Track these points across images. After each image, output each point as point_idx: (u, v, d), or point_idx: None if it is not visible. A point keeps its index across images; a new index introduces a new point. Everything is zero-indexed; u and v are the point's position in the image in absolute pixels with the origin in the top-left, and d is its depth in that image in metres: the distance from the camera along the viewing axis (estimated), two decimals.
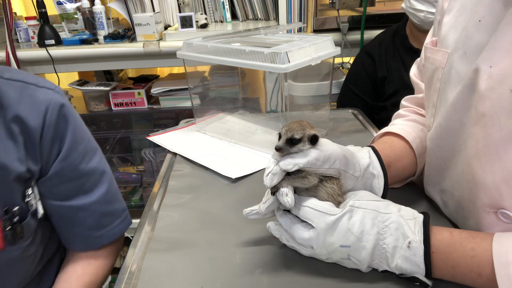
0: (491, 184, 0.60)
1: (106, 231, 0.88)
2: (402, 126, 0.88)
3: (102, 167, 0.88)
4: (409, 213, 0.63)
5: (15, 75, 0.80)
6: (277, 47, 0.97)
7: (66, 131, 0.81)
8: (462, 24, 0.66)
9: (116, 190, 0.92)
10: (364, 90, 1.62)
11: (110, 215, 0.89)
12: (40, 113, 0.77)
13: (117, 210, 0.91)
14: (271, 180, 0.61)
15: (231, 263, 0.68)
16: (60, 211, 0.84)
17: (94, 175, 0.86)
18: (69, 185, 0.83)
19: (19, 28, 1.98)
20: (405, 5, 1.43)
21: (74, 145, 0.82)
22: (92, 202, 0.85)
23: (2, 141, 0.74)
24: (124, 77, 2.38)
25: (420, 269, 0.58)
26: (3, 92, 0.75)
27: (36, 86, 0.80)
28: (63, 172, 0.81)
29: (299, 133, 0.61)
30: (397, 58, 1.54)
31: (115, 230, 0.90)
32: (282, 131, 0.62)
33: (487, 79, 0.58)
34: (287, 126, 0.62)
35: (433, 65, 0.72)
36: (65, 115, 0.81)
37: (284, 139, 0.61)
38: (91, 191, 0.85)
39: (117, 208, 0.91)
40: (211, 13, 2.08)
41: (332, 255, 0.62)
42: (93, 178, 0.86)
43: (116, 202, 0.91)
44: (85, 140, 0.86)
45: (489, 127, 0.58)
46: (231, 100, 1.50)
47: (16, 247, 0.77)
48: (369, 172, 0.72)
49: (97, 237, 0.88)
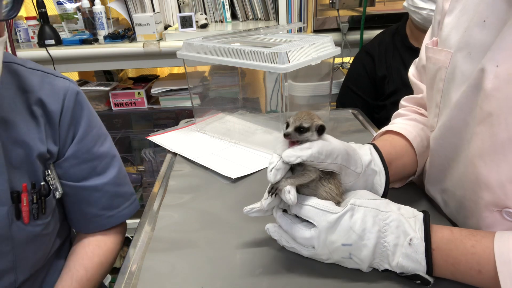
0: (496, 183, 0.60)
1: (117, 211, 0.95)
2: (403, 125, 0.88)
3: (113, 151, 0.96)
4: (408, 212, 0.63)
5: (36, 66, 0.88)
6: (277, 47, 0.97)
7: (82, 116, 0.89)
8: (464, 24, 0.66)
9: (125, 174, 0.99)
10: (364, 89, 1.62)
11: (120, 196, 0.95)
12: (59, 98, 0.86)
13: (127, 193, 0.97)
14: (275, 175, 0.61)
15: (231, 263, 0.68)
16: (76, 192, 0.90)
17: (106, 158, 0.93)
18: (84, 167, 0.89)
19: (19, 28, 1.98)
20: (407, 4, 1.43)
21: (88, 129, 0.90)
22: (105, 183, 0.92)
23: (26, 122, 0.81)
24: (124, 77, 2.38)
25: (421, 266, 0.59)
26: (27, 79, 0.83)
27: (55, 76, 0.89)
28: (78, 154, 0.88)
29: (307, 122, 0.61)
30: (397, 57, 1.54)
31: (125, 212, 0.96)
32: (290, 120, 0.62)
33: (493, 78, 0.58)
34: (296, 115, 0.62)
35: (436, 65, 0.72)
36: (81, 102, 0.90)
37: (293, 127, 0.61)
38: (104, 173, 0.92)
39: (126, 191, 0.97)
40: (211, 13, 2.08)
41: (333, 254, 0.62)
42: (105, 161, 0.93)
43: (126, 185, 0.98)
44: (97, 125, 0.94)
45: (496, 127, 0.58)
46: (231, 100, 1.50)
47: (39, 223, 0.83)
48: (370, 169, 0.72)
49: (109, 217, 0.94)
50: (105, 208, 0.93)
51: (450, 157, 0.71)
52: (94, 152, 0.91)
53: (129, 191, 0.98)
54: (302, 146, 0.61)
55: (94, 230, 0.95)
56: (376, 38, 1.65)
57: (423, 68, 0.89)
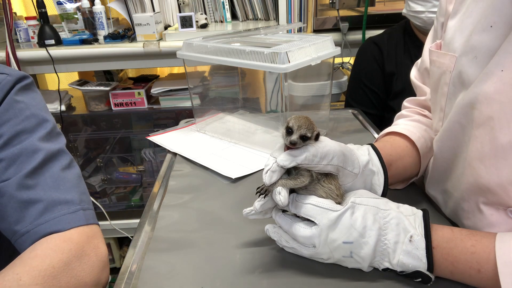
0: (496, 186, 0.60)
1: (34, 225, 0.69)
2: (406, 126, 0.87)
3: (34, 147, 0.74)
4: (408, 210, 0.64)
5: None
6: (277, 47, 0.97)
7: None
8: (469, 27, 0.66)
9: (56, 175, 0.74)
10: (377, 82, 1.55)
11: (34, 203, 0.70)
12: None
13: (48, 200, 0.71)
14: (270, 178, 0.61)
15: (231, 263, 0.68)
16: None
17: (21, 156, 0.73)
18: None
19: (19, 28, 1.98)
20: (406, 10, 1.43)
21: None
22: (7, 185, 0.70)
23: None
24: (124, 77, 2.38)
25: (422, 263, 0.59)
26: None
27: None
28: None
29: (310, 131, 0.62)
30: (408, 54, 1.49)
31: (45, 226, 0.69)
32: (293, 126, 0.62)
33: (497, 82, 0.58)
34: (297, 121, 0.62)
35: (440, 69, 0.72)
36: (15, 95, 0.77)
37: (298, 134, 0.61)
38: (6, 173, 0.72)
39: (47, 197, 0.71)
40: (211, 13, 2.08)
41: (334, 253, 0.62)
42: (20, 159, 0.72)
43: (48, 190, 0.72)
44: (18, 120, 0.76)
45: (497, 131, 0.59)
46: (231, 100, 1.50)
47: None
48: (368, 169, 0.73)
49: (24, 234, 0.69)
50: (15, 222, 0.69)
51: (450, 159, 0.71)
52: (1, 155, 0.72)
53: (57, 197, 0.71)
54: (296, 150, 0.62)
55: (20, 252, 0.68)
56: (386, 33, 1.58)
57: (426, 70, 0.89)
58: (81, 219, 0.72)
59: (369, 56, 1.57)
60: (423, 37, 1.46)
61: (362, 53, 1.63)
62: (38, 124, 0.78)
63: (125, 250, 2.43)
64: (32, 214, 0.69)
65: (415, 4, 1.37)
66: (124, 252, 2.43)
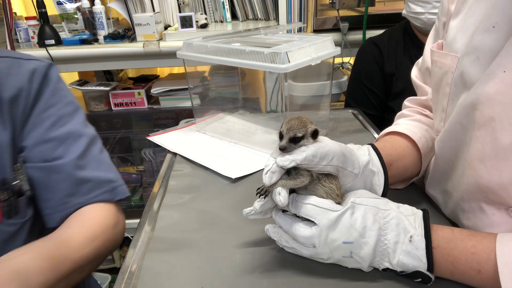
0: (497, 186, 0.60)
1: (85, 199, 0.84)
2: (407, 126, 0.87)
3: (79, 131, 0.87)
4: (408, 210, 0.64)
5: (5, 52, 0.86)
6: (277, 47, 0.97)
7: (41, 97, 0.84)
8: (471, 28, 0.66)
9: (97, 157, 0.89)
10: (377, 83, 1.55)
11: (87, 182, 0.84)
12: (23, 81, 0.82)
13: (97, 179, 0.86)
14: (270, 178, 0.61)
15: (231, 263, 0.68)
16: (33, 176, 0.83)
17: (68, 139, 0.85)
18: (41, 149, 0.83)
19: (19, 28, 1.98)
20: (406, 11, 1.42)
21: (45, 112, 0.85)
22: (64, 165, 0.83)
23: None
24: (124, 77, 2.38)
25: (422, 263, 0.59)
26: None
27: (24, 60, 0.86)
28: (33, 137, 0.83)
29: (301, 131, 0.61)
30: (408, 54, 1.49)
31: (95, 200, 0.84)
32: (283, 130, 0.62)
33: (499, 83, 0.58)
34: (288, 124, 0.62)
35: (442, 69, 0.72)
36: (48, 81, 0.86)
37: (287, 138, 0.61)
38: (64, 154, 0.84)
39: (96, 176, 0.86)
40: (211, 13, 2.08)
41: (334, 253, 0.62)
42: (67, 141, 0.85)
43: (96, 170, 0.87)
44: (57, 105, 0.87)
45: (498, 132, 0.58)
46: (231, 100, 1.50)
47: (13, 222, 0.80)
48: (368, 169, 0.72)
49: (74, 205, 0.83)
50: (69, 195, 0.83)
51: (451, 159, 0.71)
52: (51, 134, 0.83)
53: (102, 176, 0.86)
54: (296, 150, 0.62)
55: (60, 223, 0.82)
56: (386, 33, 1.58)
57: (427, 70, 0.88)
58: (120, 194, 0.89)
59: (369, 57, 1.57)
60: (423, 38, 1.46)
61: (362, 53, 1.63)
62: (75, 110, 0.90)
63: (125, 250, 2.43)
64: (84, 190, 0.84)
65: (415, 5, 1.37)
66: (124, 252, 2.43)
